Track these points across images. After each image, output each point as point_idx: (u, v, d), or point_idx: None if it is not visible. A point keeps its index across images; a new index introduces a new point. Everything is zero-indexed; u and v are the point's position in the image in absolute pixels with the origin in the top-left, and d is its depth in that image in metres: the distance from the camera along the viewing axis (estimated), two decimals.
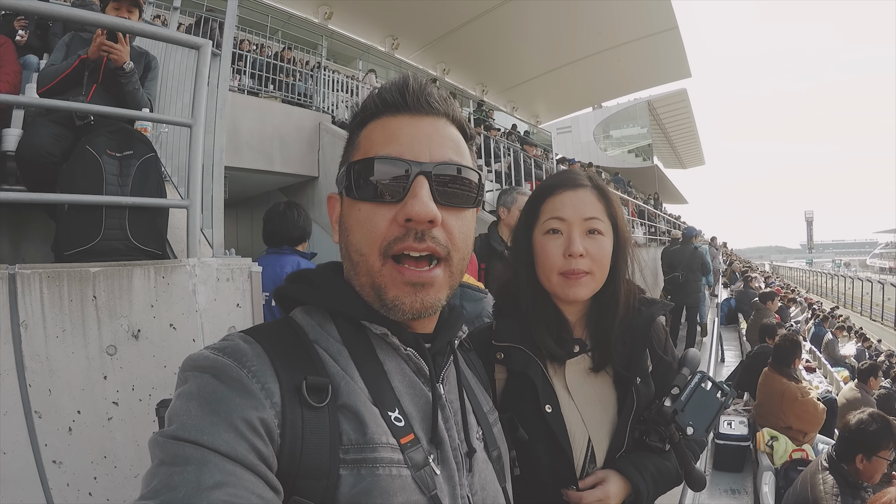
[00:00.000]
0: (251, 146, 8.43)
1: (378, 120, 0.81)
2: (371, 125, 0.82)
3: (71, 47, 2.79)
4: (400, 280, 0.75)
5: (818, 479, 3.08)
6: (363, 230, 0.77)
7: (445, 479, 0.76)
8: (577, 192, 1.23)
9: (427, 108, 0.81)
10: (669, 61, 20.38)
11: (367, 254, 0.76)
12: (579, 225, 1.19)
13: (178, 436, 0.59)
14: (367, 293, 0.78)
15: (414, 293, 0.76)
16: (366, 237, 0.76)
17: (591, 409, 1.19)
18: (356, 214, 0.78)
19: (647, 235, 13.41)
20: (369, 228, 0.76)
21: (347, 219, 0.80)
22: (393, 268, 0.75)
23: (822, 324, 13.50)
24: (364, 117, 0.83)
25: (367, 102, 0.84)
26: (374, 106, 0.82)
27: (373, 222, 0.76)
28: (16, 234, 2.78)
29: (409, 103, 0.80)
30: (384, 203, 0.76)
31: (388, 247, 0.75)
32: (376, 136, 0.80)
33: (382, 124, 0.80)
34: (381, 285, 0.76)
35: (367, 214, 0.76)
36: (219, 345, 0.70)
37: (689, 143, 41.02)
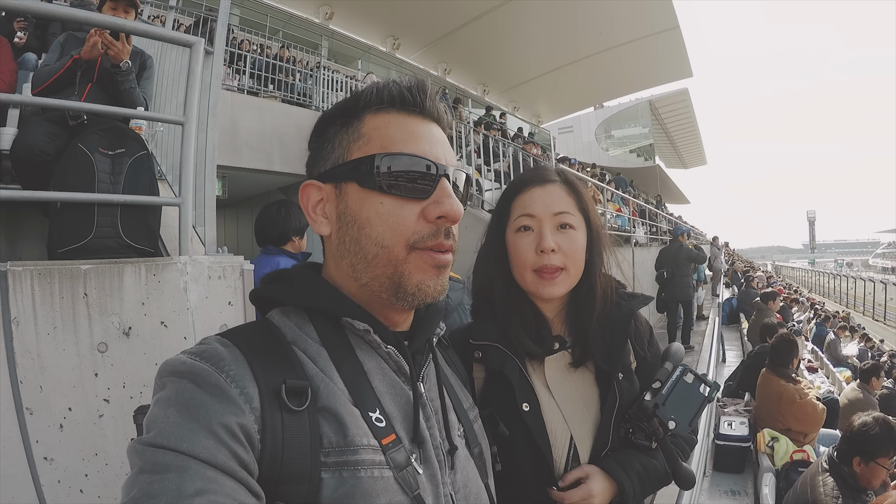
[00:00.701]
0: (251, 146, 8.42)
1: (388, 114, 0.81)
2: (381, 118, 0.81)
3: (66, 47, 2.80)
4: (430, 264, 0.78)
5: (818, 481, 3.06)
6: (387, 223, 0.77)
7: (428, 477, 0.76)
8: (546, 187, 1.23)
9: (435, 116, 0.84)
10: (671, 61, 20.36)
11: (392, 246, 0.77)
12: (550, 220, 1.19)
13: (157, 443, 0.59)
14: (382, 284, 0.78)
15: (437, 276, 0.80)
16: (391, 230, 0.77)
17: (573, 406, 1.18)
18: (377, 207, 0.77)
19: (649, 235, 13.38)
20: (396, 222, 0.77)
21: (362, 211, 0.78)
22: (419, 254, 0.78)
23: (823, 324, 13.47)
24: (365, 105, 0.82)
25: (373, 92, 0.82)
26: (388, 99, 0.81)
27: (400, 216, 0.77)
28: (11, 233, 2.79)
29: (426, 107, 0.83)
30: (410, 199, 0.78)
31: (417, 241, 0.77)
32: (394, 131, 0.80)
33: (398, 121, 0.81)
34: (406, 273, 0.77)
35: (393, 208, 0.77)
36: (196, 349, 0.70)
37: (691, 142, 40.98)
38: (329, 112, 0.86)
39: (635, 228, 11.95)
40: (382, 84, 0.83)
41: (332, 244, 0.82)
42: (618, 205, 12.95)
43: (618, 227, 11.20)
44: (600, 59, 19.23)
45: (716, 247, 15.66)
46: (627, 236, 10.25)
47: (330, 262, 0.84)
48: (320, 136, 0.85)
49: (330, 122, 0.84)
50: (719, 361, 8.50)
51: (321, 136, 0.85)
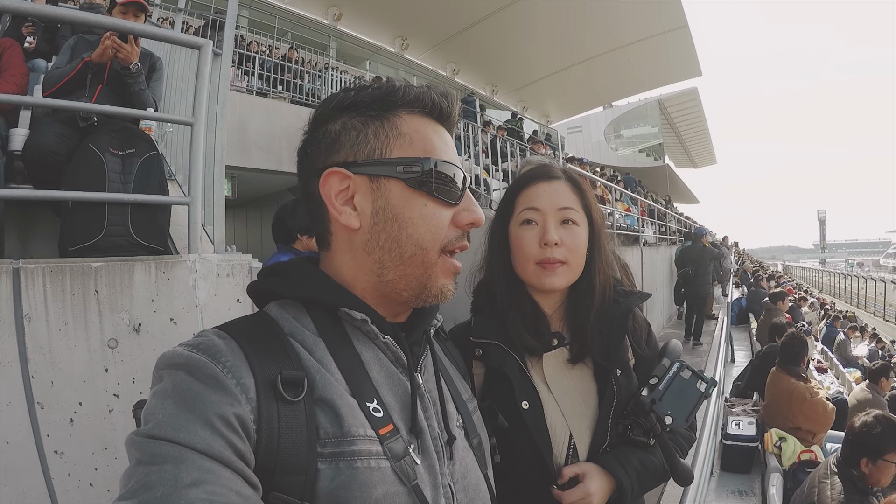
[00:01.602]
0: (260, 146, 8.47)
1: (423, 119, 0.83)
2: (418, 121, 0.82)
3: (76, 50, 2.84)
4: (451, 270, 0.83)
5: (826, 485, 3.03)
6: (429, 226, 0.79)
7: (426, 468, 0.77)
8: (552, 183, 1.26)
9: (454, 128, 0.89)
10: (679, 60, 20.24)
11: (429, 248, 0.79)
12: (554, 215, 1.22)
13: (155, 434, 0.60)
14: (405, 283, 0.80)
15: (453, 280, 0.84)
16: (431, 233, 0.79)
17: (571, 402, 1.19)
18: (421, 209, 0.79)
19: (658, 235, 13.32)
20: (436, 226, 0.80)
21: (406, 211, 0.79)
22: (446, 259, 0.82)
23: (833, 324, 13.36)
24: (402, 104, 0.82)
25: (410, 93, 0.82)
26: (427, 105, 0.83)
27: (439, 220, 0.80)
28: (24, 232, 2.83)
29: (451, 121, 0.87)
30: (448, 204, 0.81)
31: (447, 244, 0.81)
32: (434, 138, 0.82)
33: (434, 128, 0.84)
34: (433, 275, 0.81)
35: (435, 212, 0.80)
36: (193, 341, 0.70)
37: (701, 142, 40.71)
38: (354, 98, 0.82)
39: (644, 228, 11.90)
40: (418, 88, 0.83)
41: (358, 238, 0.80)
42: (627, 204, 12.90)
43: (627, 226, 11.17)
44: (609, 58, 19.14)
45: (725, 247, 15.58)
46: (636, 236, 10.22)
47: (343, 255, 0.83)
48: (336, 120, 0.83)
49: (354, 109, 0.82)
50: (728, 361, 8.47)
51: (335, 121, 0.82)
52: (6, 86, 2.69)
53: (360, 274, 0.81)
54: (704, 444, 3.38)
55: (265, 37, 12.99)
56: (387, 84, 0.83)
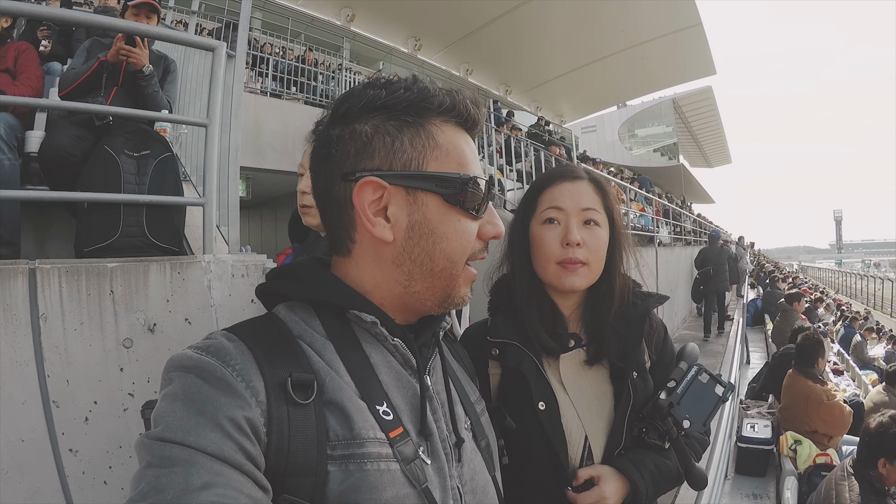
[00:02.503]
0: (274, 147, 8.51)
1: (456, 129, 0.82)
2: (452, 131, 0.81)
3: (91, 51, 2.88)
4: (470, 279, 0.84)
5: (843, 487, 3.00)
6: (461, 240, 0.80)
7: (435, 470, 0.76)
8: (575, 183, 1.26)
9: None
10: (694, 58, 20.06)
11: (458, 261, 0.81)
12: (576, 215, 1.21)
13: (165, 437, 0.60)
14: (431, 293, 0.81)
15: (469, 288, 0.86)
16: (462, 247, 0.80)
17: (587, 403, 1.19)
18: (456, 224, 0.79)
19: (672, 235, 13.23)
20: (467, 240, 0.81)
21: (441, 226, 0.78)
22: (467, 269, 0.83)
23: (851, 325, 13.19)
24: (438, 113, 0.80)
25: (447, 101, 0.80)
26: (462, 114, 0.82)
27: (470, 234, 0.81)
28: (40, 233, 2.86)
29: (478, 129, 0.86)
30: (476, 217, 0.82)
31: (471, 255, 0.83)
32: (466, 150, 0.82)
33: (465, 139, 0.83)
34: (457, 286, 0.82)
35: (466, 226, 0.81)
36: (202, 344, 0.70)
37: (716, 141, 40.46)
38: (386, 99, 0.78)
39: (659, 228, 11.84)
40: (450, 94, 0.81)
41: (389, 250, 0.79)
42: (641, 204, 12.84)
43: (641, 226, 11.12)
44: (622, 57, 19.03)
45: (741, 247, 15.45)
46: (651, 236, 10.16)
47: (367, 264, 0.81)
48: (364, 121, 0.78)
49: (388, 112, 0.78)
50: (743, 363, 8.41)
51: (367, 121, 0.78)
52: (22, 88, 2.72)
53: (384, 283, 0.80)
54: (719, 447, 3.35)
55: (279, 38, 13.05)
56: (420, 87, 0.79)
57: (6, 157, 2.47)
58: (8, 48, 2.84)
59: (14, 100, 2.55)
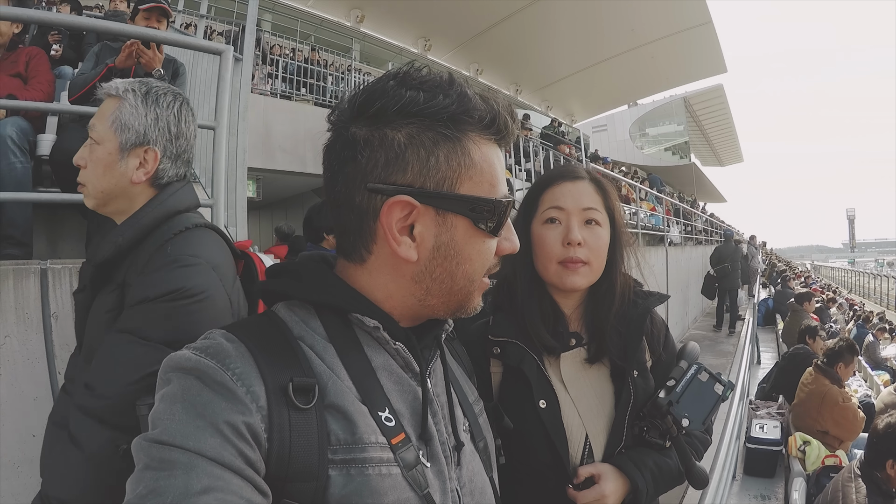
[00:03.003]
0: (284, 149, 8.53)
1: (489, 143, 0.77)
2: (485, 146, 0.76)
3: (100, 56, 2.91)
4: (483, 289, 0.81)
5: (850, 488, 2.97)
6: (484, 261, 0.78)
7: (435, 474, 0.75)
8: (576, 183, 1.26)
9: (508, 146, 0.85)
10: (704, 56, 19.94)
11: (477, 280, 0.78)
12: (578, 214, 1.21)
13: (163, 440, 0.59)
14: (444, 307, 0.79)
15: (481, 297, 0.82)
16: (483, 266, 0.78)
17: (588, 402, 1.19)
18: (480, 246, 0.76)
19: (683, 234, 13.16)
20: (488, 258, 0.78)
21: (466, 248, 0.75)
22: (483, 282, 0.80)
23: (864, 325, 13.03)
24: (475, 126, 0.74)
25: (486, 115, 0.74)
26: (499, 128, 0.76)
27: (491, 252, 0.79)
28: (52, 233, 2.90)
29: (509, 141, 0.81)
30: (496, 237, 0.78)
31: (487, 271, 0.80)
32: (497, 169, 0.77)
33: (496, 155, 0.78)
34: (473, 298, 0.80)
35: (489, 247, 0.78)
36: (200, 344, 0.68)
37: (727, 139, 40.10)
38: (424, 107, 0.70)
39: (669, 227, 11.79)
40: (492, 107, 0.75)
41: (411, 268, 0.75)
42: (652, 203, 12.79)
43: (652, 226, 11.08)
44: (633, 56, 18.95)
45: (753, 246, 15.33)
46: (661, 235, 10.12)
47: (382, 277, 0.77)
48: (398, 128, 0.71)
49: (424, 121, 0.71)
50: (753, 363, 8.35)
51: (401, 129, 0.71)
52: (34, 93, 2.76)
53: (398, 296, 0.77)
54: (725, 448, 3.34)
55: (288, 40, 13.11)
56: (459, 94, 0.73)
57: (18, 160, 2.51)
58: (19, 53, 2.89)
59: (26, 104, 2.60)
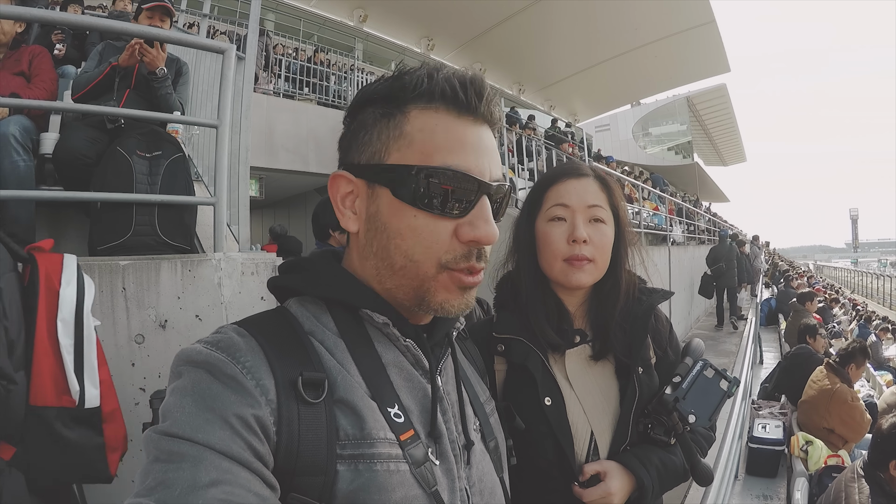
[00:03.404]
0: (287, 148, 8.56)
1: (437, 113, 0.74)
2: (428, 117, 0.74)
3: (104, 55, 2.94)
4: (455, 286, 0.74)
5: (853, 489, 2.96)
6: (420, 239, 0.73)
7: (444, 472, 0.75)
8: (581, 180, 1.25)
9: (490, 119, 0.78)
10: (707, 56, 19.92)
11: (421, 262, 0.73)
12: (583, 212, 1.21)
13: (173, 433, 0.58)
14: (405, 294, 0.76)
15: (462, 295, 0.76)
16: (423, 246, 0.73)
17: (593, 399, 1.18)
18: (410, 220, 0.73)
19: (686, 234, 13.13)
20: (430, 239, 0.73)
21: (394, 221, 0.73)
22: (451, 275, 0.74)
23: (867, 325, 13.00)
24: (413, 98, 0.74)
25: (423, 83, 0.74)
26: (440, 95, 0.74)
27: (434, 234, 0.73)
28: (55, 232, 2.91)
29: (480, 110, 0.76)
30: (446, 217, 0.73)
31: (450, 262, 0.73)
32: (441, 137, 0.73)
33: (445, 124, 0.74)
34: (432, 289, 0.74)
35: (427, 224, 0.73)
36: (212, 338, 0.68)
37: (730, 139, 40.08)
38: (370, 91, 0.77)
39: (672, 227, 11.77)
40: (435, 75, 0.74)
41: (360, 242, 0.78)
42: (655, 203, 12.77)
43: (655, 225, 11.07)
44: (636, 55, 18.95)
45: (756, 246, 15.30)
46: (664, 235, 10.11)
47: (354, 256, 0.80)
48: (356, 116, 0.78)
49: (370, 103, 0.77)
50: (756, 363, 8.34)
51: (357, 116, 0.78)
52: (37, 91, 2.77)
53: (369, 277, 0.78)
54: (728, 447, 3.33)
55: (291, 39, 13.13)
56: (402, 75, 0.76)
57: (21, 158, 2.53)
58: (23, 52, 2.89)
59: (29, 103, 2.61)
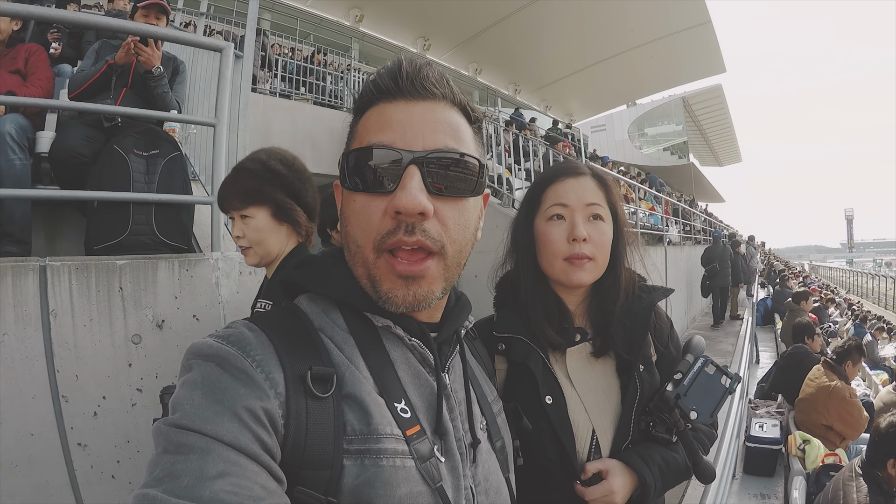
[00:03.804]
0: (283, 147, 8.51)
1: (374, 107, 0.77)
2: (367, 113, 0.78)
3: (100, 53, 2.91)
4: (393, 273, 0.73)
5: (851, 487, 2.96)
6: (359, 222, 0.74)
7: (449, 469, 0.75)
8: (579, 179, 1.25)
9: (423, 93, 0.77)
10: (703, 56, 19.96)
11: (363, 246, 0.74)
12: (582, 210, 1.21)
13: (182, 424, 0.59)
14: (364, 284, 0.76)
15: (406, 286, 0.73)
16: (361, 229, 0.74)
17: (594, 398, 1.18)
18: (352, 205, 0.75)
19: (682, 234, 13.15)
20: (364, 220, 0.73)
21: (345, 210, 0.77)
22: (387, 260, 0.73)
23: (862, 324, 13.06)
24: (361, 105, 0.79)
25: (364, 90, 0.80)
26: (370, 93, 0.78)
27: (367, 214, 0.73)
28: (51, 231, 2.90)
29: (402, 88, 0.76)
30: (377, 194, 0.73)
31: (381, 241, 0.72)
32: (371, 123, 0.76)
33: (378, 111, 0.77)
34: (376, 277, 0.74)
35: (362, 206, 0.74)
36: (223, 332, 0.69)
37: (726, 139, 40.21)
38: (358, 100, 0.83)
39: (668, 227, 11.80)
40: (377, 74, 0.79)
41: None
42: (651, 203, 12.80)
43: (651, 225, 11.09)
44: (631, 56, 18.97)
45: (752, 246, 15.34)
46: (661, 235, 10.13)
47: None
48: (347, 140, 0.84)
49: (355, 111, 0.83)
50: (752, 362, 8.36)
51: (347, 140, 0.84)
52: (33, 89, 2.75)
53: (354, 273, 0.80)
54: (726, 446, 3.33)
55: (288, 39, 13.10)
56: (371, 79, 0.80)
57: (17, 157, 2.50)
58: (18, 50, 2.87)
59: (25, 100, 2.59)
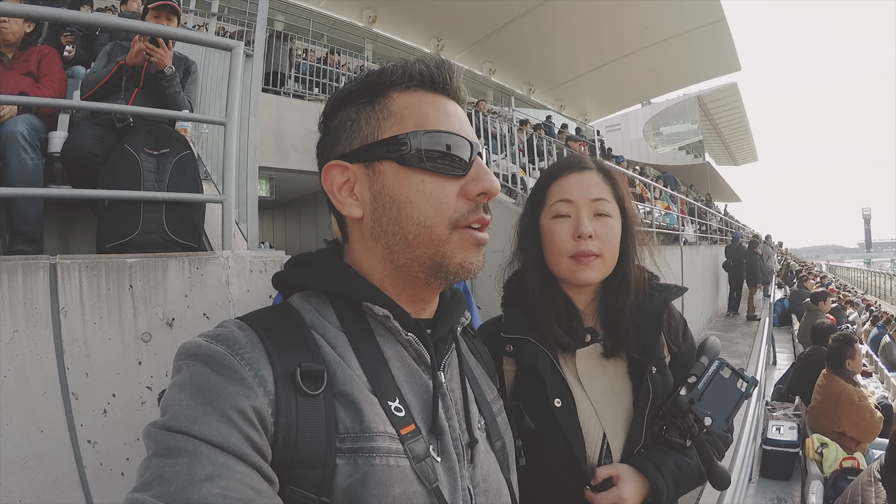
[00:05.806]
0: (297, 148, 8.55)
1: (417, 93, 0.79)
2: (410, 96, 0.79)
3: (112, 55, 2.94)
4: (472, 242, 0.77)
5: (869, 493, 2.89)
6: (430, 202, 0.75)
7: (446, 469, 0.74)
8: (584, 174, 1.22)
9: (460, 97, 0.83)
10: (718, 54, 19.82)
11: (434, 225, 0.75)
12: (587, 206, 1.17)
13: (171, 427, 0.59)
14: (417, 265, 0.77)
15: (478, 252, 0.79)
16: (434, 209, 0.75)
17: (605, 400, 1.14)
18: (418, 185, 0.75)
19: (698, 234, 13.02)
20: (439, 201, 0.75)
21: (402, 190, 0.76)
22: (462, 233, 0.77)
23: (885, 326, 12.83)
24: (392, 83, 0.79)
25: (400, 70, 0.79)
26: (418, 77, 0.79)
27: (442, 194, 0.76)
28: (63, 230, 2.92)
29: (452, 87, 0.81)
30: (452, 177, 0.76)
31: (459, 219, 0.76)
32: (428, 109, 0.78)
33: (430, 100, 0.79)
34: (448, 252, 0.76)
35: (434, 187, 0.75)
36: (212, 332, 0.69)
37: (741, 138, 39.77)
38: (347, 90, 0.82)
39: (684, 226, 11.68)
40: (409, 62, 0.80)
41: (365, 227, 0.79)
42: (666, 202, 12.70)
43: (666, 225, 10.98)
44: (646, 54, 18.90)
45: (769, 246, 15.21)
46: (676, 234, 10.03)
47: (358, 245, 0.81)
48: (336, 115, 0.82)
49: (349, 101, 0.81)
50: (769, 364, 8.25)
51: (338, 115, 0.82)
52: (45, 91, 2.78)
53: (375, 263, 0.79)
54: (743, 449, 3.28)
55: (301, 40, 13.17)
56: (373, 71, 0.81)
57: (30, 157, 2.53)
58: (31, 52, 2.90)
59: (38, 100, 2.61)
